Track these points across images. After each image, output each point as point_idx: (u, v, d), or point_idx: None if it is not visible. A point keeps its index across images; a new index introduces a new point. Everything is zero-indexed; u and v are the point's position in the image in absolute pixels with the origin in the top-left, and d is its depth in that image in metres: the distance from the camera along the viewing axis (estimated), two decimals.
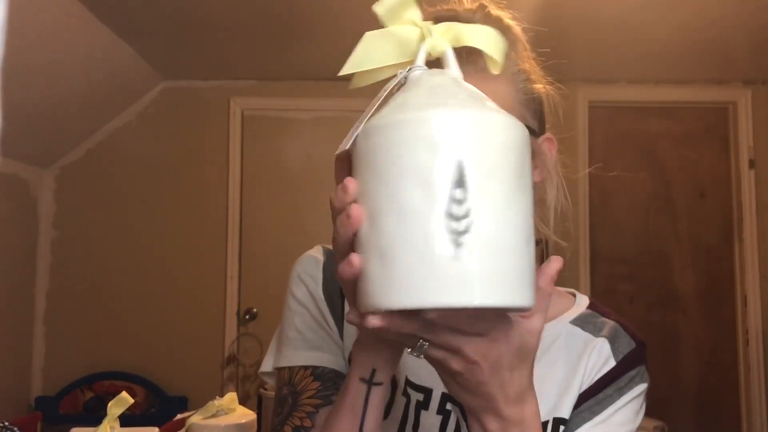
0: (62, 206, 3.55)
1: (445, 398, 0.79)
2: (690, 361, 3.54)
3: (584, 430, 0.78)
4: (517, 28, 0.81)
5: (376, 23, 0.85)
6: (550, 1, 2.47)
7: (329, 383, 0.77)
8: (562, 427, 0.79)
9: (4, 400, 3.20)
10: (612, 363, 0.80)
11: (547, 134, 0.83)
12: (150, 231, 3.54)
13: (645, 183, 3.61)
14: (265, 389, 2.83)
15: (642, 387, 0.81)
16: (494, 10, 0.79)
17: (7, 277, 3.24)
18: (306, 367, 0.79)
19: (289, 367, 0.80)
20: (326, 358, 0.79)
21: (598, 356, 0.80)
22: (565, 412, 0.79)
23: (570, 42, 2.90)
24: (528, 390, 0.61)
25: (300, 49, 3.14)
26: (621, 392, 0.79)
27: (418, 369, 0.80)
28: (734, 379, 3.51)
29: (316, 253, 0.85)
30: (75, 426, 1.53)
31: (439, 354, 0.55)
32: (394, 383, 0.80)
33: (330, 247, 0.85)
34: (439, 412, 0.79)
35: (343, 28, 2.84)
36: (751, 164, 3.55)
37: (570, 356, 0.81)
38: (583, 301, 0.88)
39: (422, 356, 0.56)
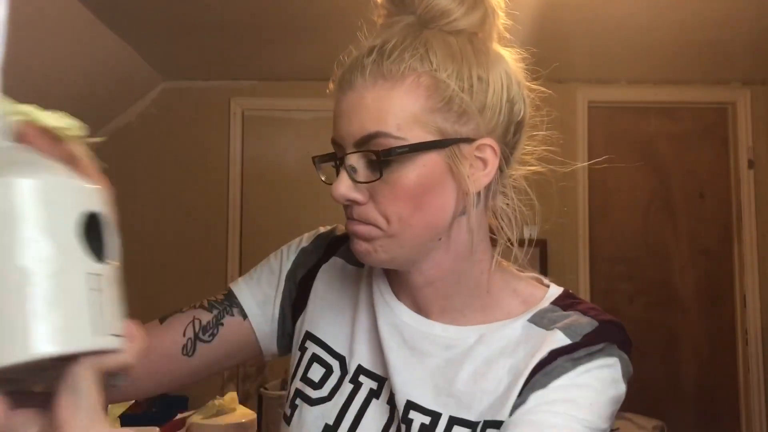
0: None
1: (453, 422, 0.75)
2: (689, 360, 3.54)
3: (534, 401, 0.69)
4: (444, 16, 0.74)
5: (374, 24, 0.85)
6: (550, 2, 2.47)
7: (227, 303, 0.91)
8: (493, 431, 0.71)
9: None
10: (566, 341, 0.71)
11: (485, 140, 0.74)
12: (150, 231, 3.54)
13: (645, 183, 3.61)
14: (266, 389, 2.83)
15: (609, 360, 0.71)
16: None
17: None
18: (232, 292, 0.92)
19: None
20: (245, 293, 0.91)
21: (549, 346, 0.71)
22: (503, 414, 0.70)
23: (570, 42, 2.90)
24: None
25: (300, 49, 3.14)
26: (576, 363, 0.70)
27: (424, 389, 0.78)
28: (733, 378, 3.51)
29: (324, 229, 0.96)
30: None
31: None
32: (344, 367, 0.83)
33: (323, 229, 0.96)
34: (389, 402, 0.79)
35: (343, 28, 2.84)
36: (750, 164, 3.55)
37: (524, 356, 0.73)
38: (552, 295, 0.80)
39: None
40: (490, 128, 0.74)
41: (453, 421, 0.74)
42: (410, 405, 0.77)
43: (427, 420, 0.75)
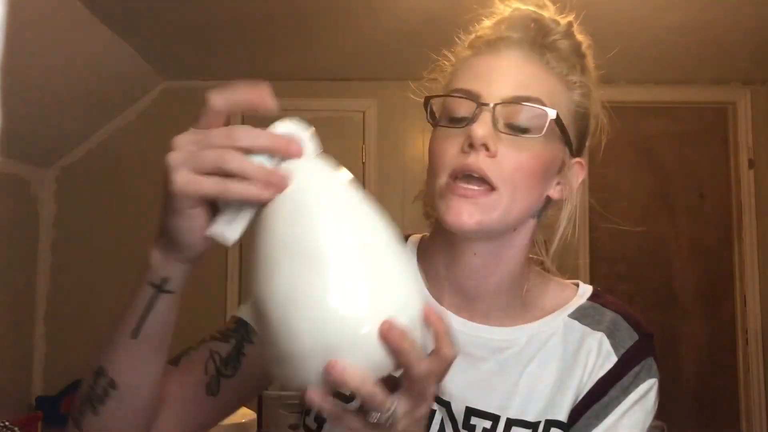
0: (63, 206, 3.55)
1: (510, 424, 0.76)
2: (689, 360, 3.54)
3: None
4: (588, 50, 0.85)
5: (374, 24, 0.85)
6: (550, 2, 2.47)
7: (242, 330, 0.80)
8: (556, 429, 0.75)
9: (4, 400, 3.20)
10: (613, 359, 0.76)
11: (580, 158, 0.81)
12: (150, 231, 3.52)
13: (644, 183, 3.61)
14: (266, 389, 2.84)
15: (649, 383, 0.76)
16: (578, 34, 0.82)
17: (8, 277, 3.25)
18: (242, 318, 0.82)
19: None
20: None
21: (598, 353, 0.76)
22: (561, 414, 0.75)
23: None
24: None
25: (300, 49, 3.14)
26: (626, 392, 0.75)
27: (481, 394, 0.78)
28: (734, 378, 3.51)
29: None
30: None
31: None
32: (452, 417, 0.77)
33: None
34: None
35: (343, 28, 2.84)
36: (751, 164, 3.55)
37: (566, 353, 0.78)
38: (585, 292, 0.84)
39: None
40: (581, 151, 0.82)
41: (511, 422, 0.75)
42: (471, 411, 0.76)
43: (488, 424, 0.76)
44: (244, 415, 1.63)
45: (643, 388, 0.75)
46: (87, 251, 3.53)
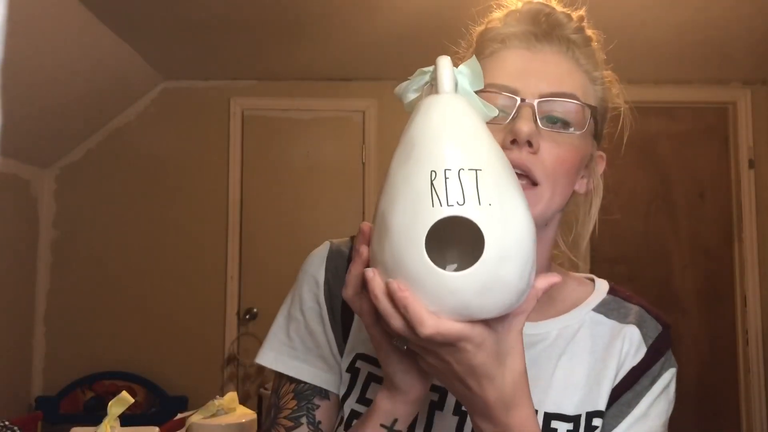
0: (62, 206, 3.55)
1: (548, 418, 0.77)
2: (690, 360, 3.54)
3: (626, 425, 0.77)
4: (599, 44, 0.84)
5: (374, 24, 0.85)
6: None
7: (303, 402, 0.81)
8: (597, 420, 0.76)
9: (4, 400, 3.20)
10: (643, 350, 0.80)
11: (600, 151, 0.83)
12: (150, 231, 3.54)
13: (645, 183, 3.61)
14: (266, 389, 2.83)
15: (672, 372, 0.81)
16: (589, 30, 0.82)
17: (8, 277, 3.25)
18: (291, 380, 0.82)
19: (279, 374, 0.83)
20: (308, 373, 0.81)
21: (630, 343, 0.79)
22: (601, 404, 0.77)
23: None
24: (515, 394, 0.61)
25: (300, 49, 3.14)
26: (654, 381, 0.79)
27: None
28: (734, 378, 3.51)
29: (322, 251, 0.85)
30: (75, 425, 1.54)
31: (416, 349, 0.59)
32: None
33: (336, 240, 0.85)
34: (455, 413, 0.77)
35: (343, 28, 2.84)
36: (751, 164, 3.55)
37: (596, 346, 0.79)
38: (602, 287, 0.86)
39: (405, 347, 0.60)
40: (600, 143, 0.84)
41: (549, 416, 0.76)
42: None
43: None
44: (244, 415, 1.63)
45: (666, 377, 0.81)
46: (87, 251, 3.53)
